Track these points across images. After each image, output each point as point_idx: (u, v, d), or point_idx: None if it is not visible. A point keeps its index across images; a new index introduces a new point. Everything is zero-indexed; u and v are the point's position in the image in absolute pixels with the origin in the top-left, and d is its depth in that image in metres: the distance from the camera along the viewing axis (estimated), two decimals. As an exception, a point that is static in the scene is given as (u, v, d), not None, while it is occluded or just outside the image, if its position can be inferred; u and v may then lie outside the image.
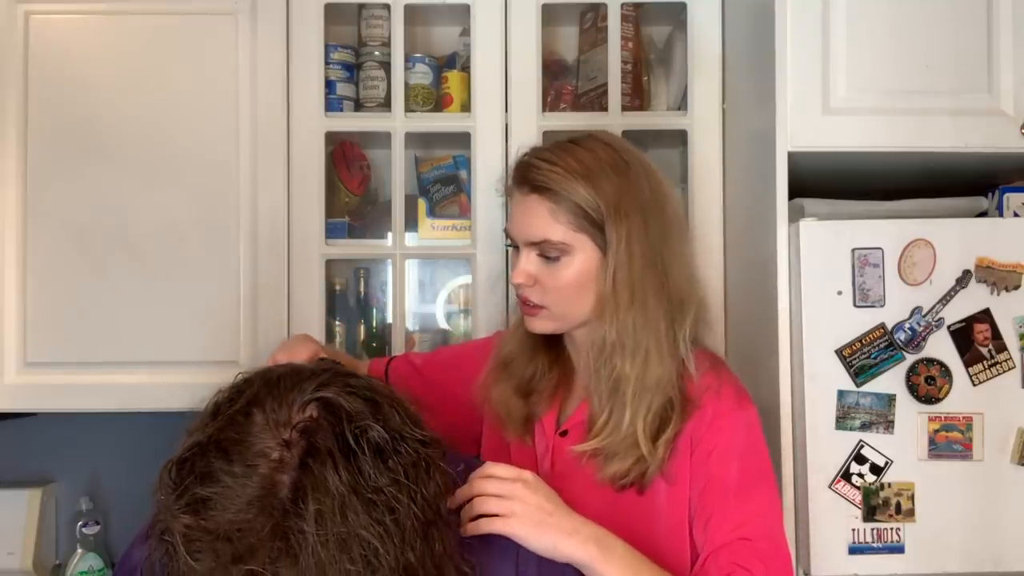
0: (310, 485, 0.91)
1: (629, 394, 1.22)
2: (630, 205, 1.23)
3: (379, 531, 0.92)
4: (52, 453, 2.05)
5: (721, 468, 1.23)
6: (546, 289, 1.26)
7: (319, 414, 0.95)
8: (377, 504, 0.93)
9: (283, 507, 0.91)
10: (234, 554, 0.90)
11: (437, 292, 2.00)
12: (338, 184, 1.91)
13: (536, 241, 1.24)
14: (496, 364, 1.39)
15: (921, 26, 1.51)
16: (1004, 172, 1.60)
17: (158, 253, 1.72)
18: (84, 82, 1.73)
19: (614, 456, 1.23)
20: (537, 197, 1.24)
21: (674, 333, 1.24)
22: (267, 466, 0.92)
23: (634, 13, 1.88)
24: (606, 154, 1.27)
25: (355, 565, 0.91)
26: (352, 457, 0.93)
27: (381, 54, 1.86)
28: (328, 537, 0.90)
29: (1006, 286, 1.45)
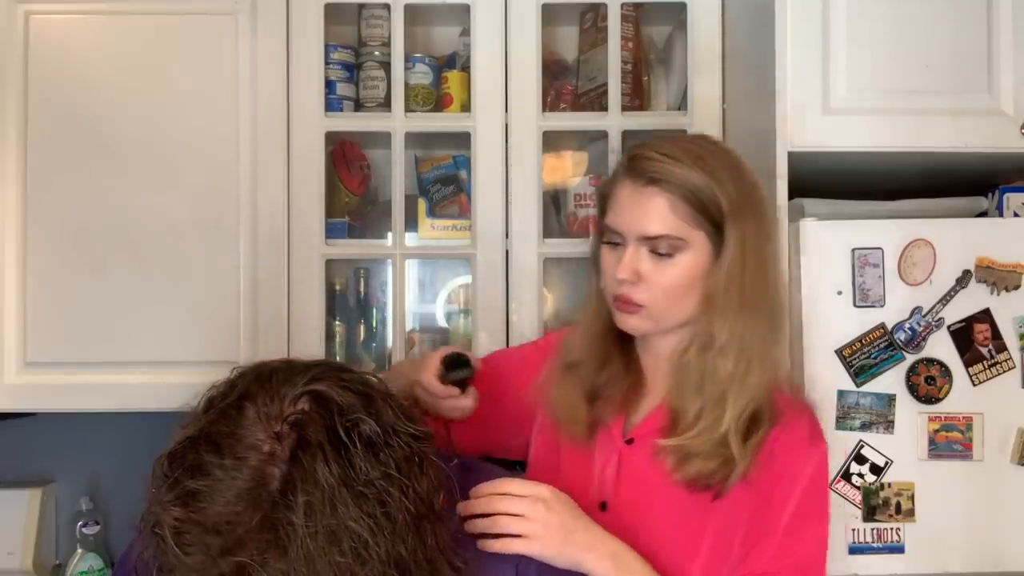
0: (299, 478, 0.92)
1: (730, 395, 1.19)
2: (747, 206, 1.21)
3: (369, 524, 0.92)
4: (52, 453, 2.05)
5: (782, 496, 1.21)
6: (651, 287, 1.21)
7: (310, 407, 0.96)
8: (368, 497, 0.93)
9: (272, 499, 0.91)
10: (223, 547, 0.91)
11: (437, 292, 2.00)
12: (338, 184, 1.91)
13: (651, 236, 1.20)
14: (561, 366, 1.34)
15: (921, 26, 1.51)
16: (1004, 172, 1.60)
17: (158, 253, 1.72)
18: (84, 82, 1.73)
19: (697, 456, 1.20)
20: (655, 190, 1.20)
21: (772, 341, 1.24)
22: (257, 459, 0.92)
23: (634, 13, 1.88)
24: (721, 151, 1.25)
25: (345, 557, 0.91)
26: (343, 450, 0.94)
27: (381, 54, 1.86)
28: (317, 529, 0.90)
29: (1006, 286, 1.45)
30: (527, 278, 1.78)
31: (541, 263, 1.79)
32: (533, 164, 1.79)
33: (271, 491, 0.91)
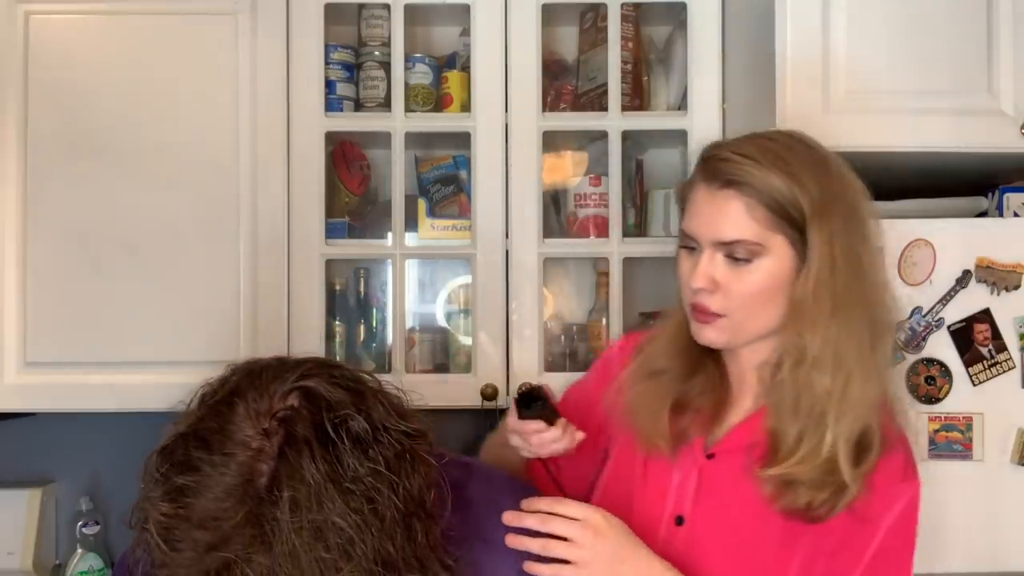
0: (286, 474, 0.92)
1: (831, 415, 1.11)
2: (833, 205, 1.12)
3: (356, 520, 0.92)
4: (52, 453, 2.04)
5: (870, 530, 1.14)
6: (729, 295, 1.14)
7: (299, 403, 0.96)
8: (355, 494, 0.93)
9: (258, 495, 0.91)
10: (210, 543, 0.91)
11: (437, 292, 2.00)
12: (338, 184, 1.91)
13: (727, 241, 1.13)
14: (643, 374, 1.26)
15: (921, 26, 1.52)
16: (1004, 172, 1.60)
17: (158, 253, 1.72)
18: (84, 82, 1.73)
19: (802, 484, 1.11)
20: (731, 192, 1.13)
21: (877, 351, 1.14)
22: (245, 455, 0.93)
23: (634, 13, 1.88)
24: (802, 149, 1.16)
25: (330, 553, 0.91)
26: (331, 446, 0.94)
27: (381, 54, 1.86)
28: (302, 525, 0.91)
29: (1006, 286, 1.45)
30: (527, 278, 1.78)
31: (541, 263, 1.79)
32: (533, 164, 1.79)
33: (258, 487, 0.92)
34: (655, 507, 1.22)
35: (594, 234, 1.86)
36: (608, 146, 1.82)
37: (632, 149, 1.93)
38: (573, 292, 2.02)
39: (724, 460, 1.20)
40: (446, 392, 1.76)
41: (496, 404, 1.74)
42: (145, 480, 0.96)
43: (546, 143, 1.82)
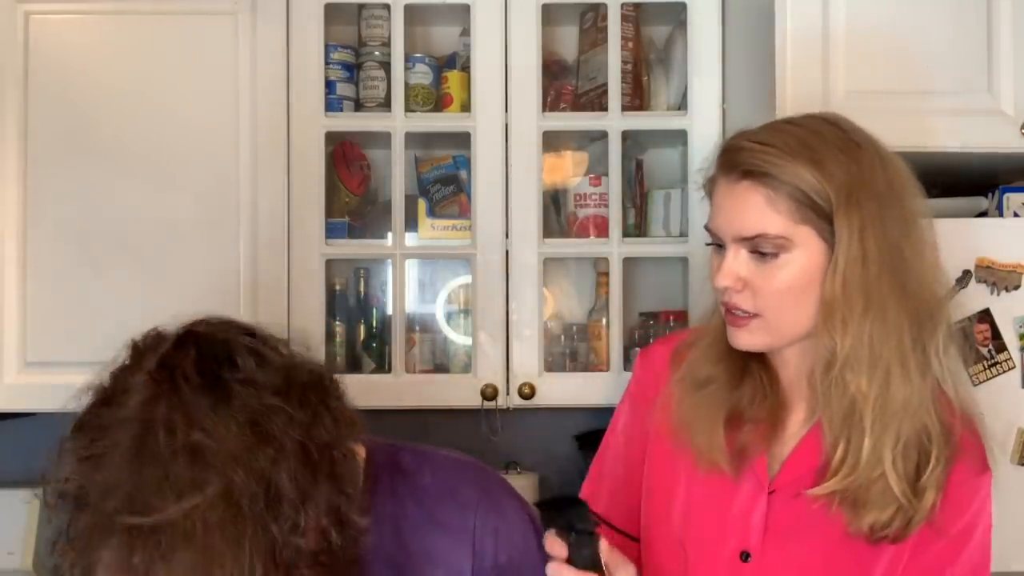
0: (174, 407, 0.92)
1: (868, 418, 1.02)
2: (864, 192, 1.03)
3: (245, 441, 0.91)
4: (52, 453, 2.04)
5: (944, 549, 1.08)
6: (759, 293, 1.06)
7: (182, 346, 1.01)
8: (241, 417, 0.92)
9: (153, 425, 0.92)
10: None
11: (437, 292, 2.00)
12: (338, 184, 1.91)
13: (749, 236, 1.05)
14: (690, 385, 1.15)
15: (921, 26, 1.51)
16: (1004, 172, 1.60)
17: (158, 253, 1.72)
18: (84, 82, 1.73)
19: (864, 501, 1.03)
20: (750, 183, 1.05)
21: (923, 346, 1.05)
22: (134, 402, 0.94)
23: (634, 13, 1.88)
24: (832, 133, 1.07)
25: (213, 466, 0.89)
26: (217, 377, 0.96)
27: (381, 54, 1.86)
28: (176, 449, 0.90)
29: (1006, 286, 1.45)
30: (527, 278, 1.78)
31: (541, 263, 1.79)
32: (533, 164, 1.79)
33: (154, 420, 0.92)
34: (713, 534, 1.13)
35: (594, 234, 1.86)
36: (608, 146, 1.82)
37: (632, 149, 1.93)
38: (573, 292, 2.02)
39: (790, 489, 1.10)
40: (446, 392, 1.77)
41: (496, 404, 1.74)
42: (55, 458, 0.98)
43: (546, 143, 1.82)
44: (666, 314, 1.92)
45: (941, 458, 1.04)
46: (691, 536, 1.15)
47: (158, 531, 0.87)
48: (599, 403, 1.81)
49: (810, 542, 1.09)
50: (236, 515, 0.88)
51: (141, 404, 0.95)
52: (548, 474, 1.95)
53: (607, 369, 1.82)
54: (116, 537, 0.89)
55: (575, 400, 1.81)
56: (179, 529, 0.87)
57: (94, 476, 0.92)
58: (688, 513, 1.16)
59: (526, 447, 1.94)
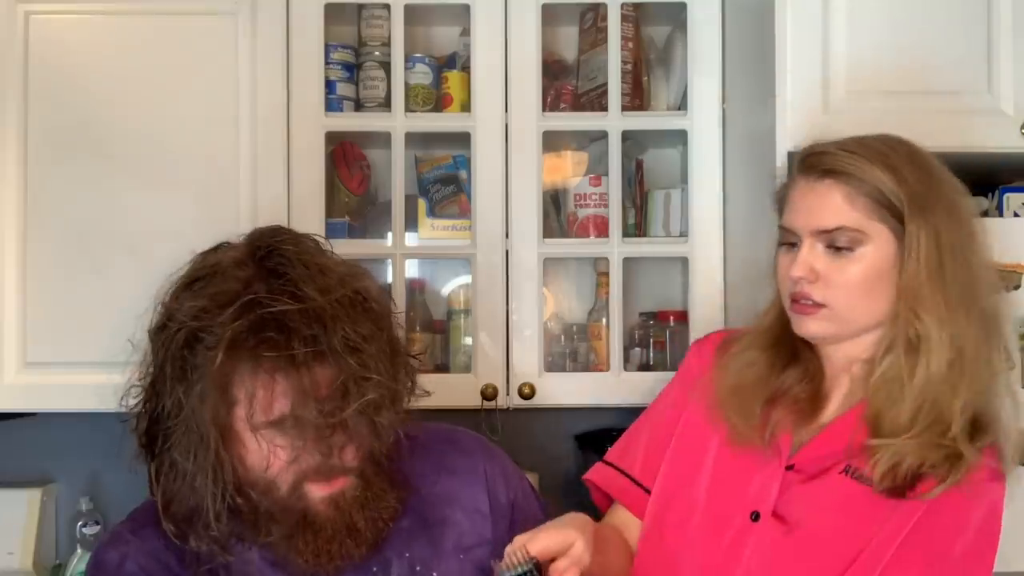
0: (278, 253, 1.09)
1: (945, 397, 1.09)
2: (935, 199, 1.13)
3: (344, 270, 1.13)
4: (52, 453, 2.04)
5: (944, 531, 1.11)
6: (831, 285, 1.14)
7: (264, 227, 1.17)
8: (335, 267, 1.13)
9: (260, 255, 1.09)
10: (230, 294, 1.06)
11: (437, 292, 2.00)
12: (338, 184, 1.91)
13: (828, 229, 1.13)
14: (735, 366, 1.24)
15: (921, 26, 1.51)
16: (1004, 172, 1.60)
17: (158, 253, 1.71)
18: (84, 82, 1.73)
19: (912, 452, 1.08)
20: (832, 181, 1.14)
21: (989, 348, 1.13)
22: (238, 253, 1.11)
23: (634, 13, 1.88)
24: (903, 148, 1.18)
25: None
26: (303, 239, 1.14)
27: (381, 54, 1.86)
28: (305, 261, 1.07)
29: (1006, 286, 1.44)
30: (527, 278, 1.78)
31: (541, 263, 1.79)
32: (533, 164, 1.79)
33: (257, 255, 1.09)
34: (731, 499, 1.20)
35: (594, 234, 1.86)
36: (608, 146, 1.82)
37: (632, 149, 1.93)
38: (573, 292, 2.02)
39: (810, 468, 1.17)
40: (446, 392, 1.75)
41: (496, 404, 1.75)
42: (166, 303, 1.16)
43: (546, 143, 1.82)
44: (666, 314, 1.92)
45: (987, 436, 1.10)
46: (712, 500, 1.22)
47: (311, 313, 1.01)
48: (599, 403, 1.81)
49: (820, 508, 1.15)
50: (370, 309, 1.08)
51: (253, 246, 1.12)
52: (548, 474, 1.95)
53: (607, 369, 1.82)
54: (270, 329, 1.00)
55: (575, 400, 1.81)
56: (329, 312, 1.02)
57: (226, 292, 1.05)
58: (712, 481, 1.23)
59: (526, 447, 1.94)
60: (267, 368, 1.00)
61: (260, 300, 1.01)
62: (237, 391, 1.02)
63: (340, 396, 1.01)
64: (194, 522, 1.06)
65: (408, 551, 1.12)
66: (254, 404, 1.01)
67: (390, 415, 1.06)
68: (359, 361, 1.02)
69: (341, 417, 1.01)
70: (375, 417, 1.04)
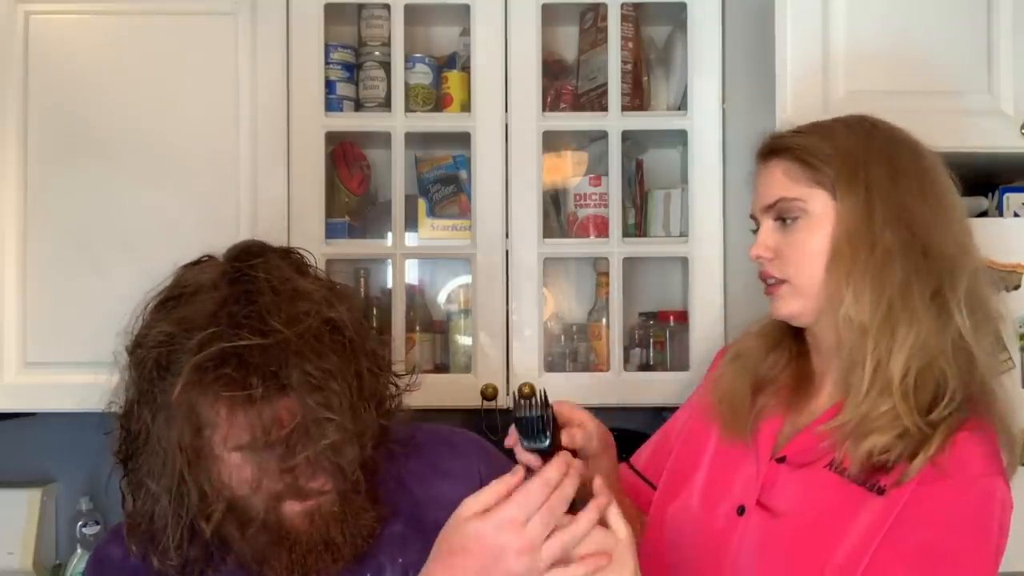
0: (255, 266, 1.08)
1: (868, 347, 1.07)
2: (871, 157, 1.13)
3: (323, 292, 1.09)
4: (52, 453, 2.04)
5: (914, 520, 1.05)
6: (785, 259, 1.16)
7: (243, 243, 1.15)
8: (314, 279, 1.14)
9: (234, 272, 1.07)
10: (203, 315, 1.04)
11: (437, 292, 2.00)
12: (338, 184, 1.91)
13: (771, 203, 1.17)
14: (729, 356, 1.28)
15: (921, 26, 1.51)
16: (1004, 172, 1.60)
17: (158, 253, 1.70)
18: (84, 82, 1.73)
19: (870, 430, 1.06)
20: (774, 160, 1.19)
21: (944, 299, 1.08)
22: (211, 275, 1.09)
23: (634, 13, 1.88)
24: (851, 118, 1.20)
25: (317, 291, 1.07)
26: (281, 257, 1.13)
27: (381, 54, 1.86)
28: (279, 287, 1.05)
29: (1006, 286, 1.44)
30: (527, 278, 1.78)
31: (541, 263, 1.79)
32: (533, 164, 1.79)
33: (232, 272, 1.08)
34: (721, 492, 1.21)
35: (594, 234, 1.86)
36: (608, 146, 1.82)
37: (632, 149, 1.93)
38: (573, 292, 2.02)
39: (799, 458, 1.15)
40: (446, 392, 1.76)
41: (496, 404, 1.74)
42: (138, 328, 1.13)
43: (546, 143, 1.82)
44: (666, 314, 1.92)
45: (956, 412, 1.05)
46: (706, 494, 1.23)
47: (273, 349, 0.98)
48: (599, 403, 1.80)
49: (805, 499, 1.13)
50: (339, 341, 1.04)
51: (228, 266, 1.09)
52: (548, 474, 1.95)
53: (607, 369, 1.82)
54: (229, 365, 0.97)
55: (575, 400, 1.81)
56: (292, 347, 0.99)
57: (194, 318, 1.03)
58: (707, 476, 1.25)
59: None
60: (225, 402, 0.98)
61: (222, 332, 0.99)
62: (201, 417, 1.01)
63: (302, 433, 0.99)
64: (156, 544, 1.05)
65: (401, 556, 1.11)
66: (216, 433, 1.00)
67: (353, 452, 1.03)
68: (321, 400, 0.99)
69: (301, 458, 0.99)
70: (335, 459, 1.02)
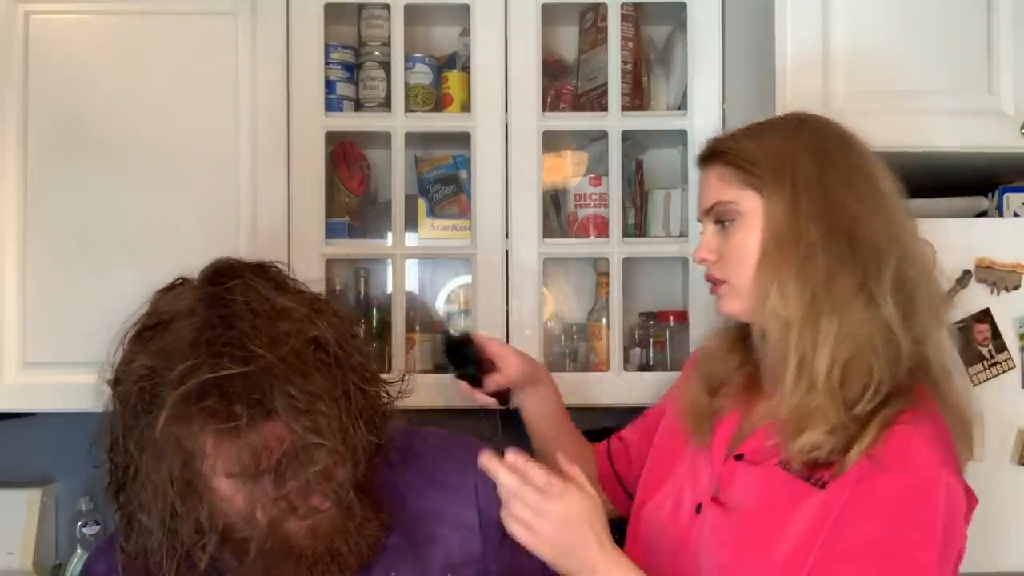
0: (233, 286, 1.04)
1: (792, 340, 1.10)
2: (798, 153, 1.16)
3: (303, 311, 1.04)
4: (52, 453, 2.04)
5: (849, 509, 1.06)
6: (723, 260, 1.20)
7: (217, 264, 1.12)
8: (296, 295, 1.07)
9: (213, 296, 1.04)
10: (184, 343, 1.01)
11: (437, 292, 2.00)
12: (338, 184, 1.91)
13: (708, 207, 1.22)
14: (692, 361, 1.34)
15: (921, 26, 1.52)
16: (1004, 172, 1.60)
17: (158, 253, 1.72)
18: (84, 82, 1.73)
19: (804, 426, 1.07)
20: (711, 164, 1.23)
21: (869, 290, 1.09)
22: (187, 302, 1.06)
23: (634, 13, 1.88)
24: (783, 117, 1.26)
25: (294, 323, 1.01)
26: (263, 275, 1.08)
27: (381, 54, 1.86)
28: (258, 308, 1.01)
29: (1006, 286, 1.45)
30: (527, 278, 1.78)
31: (541, 263, 1.79)
32: (533, 164, 1.79)
33: (212, 295, 1.04)
34: (683, 491, 1.24)
35: (594, 234, 1.86)
36: (608, 146, 1.82)
37: (632, 149, 1.93)
38: (573, 292, 2.02)
39: (755, 455, 1.17)
40: (446, 392, 1.76)
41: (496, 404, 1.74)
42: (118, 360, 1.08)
43: (546, 143, 1.82)
44: (666, 314, 1.92)
45: (882, 394, 1.07)
46: (672, 496, 1.27)
47: (256, 375, 0.95)
48: (599, 403, 1.81)
49: (755, 496, 1.15)
50: (324, 359, 1.00)
51: (199, 295, 1.06)
52: (548, 474, 1.95)
53: (607, 369, 1.82)
54: (211, 397, 0.94)
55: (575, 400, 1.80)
56: (276, 371, 0.95)
57: (173, 349, 1.00)
58: (676, 478, 1.28)
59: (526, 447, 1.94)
60: (211, 433, 0.96)
61: (202, 363, 0.96)
62: (188, 449, 0.98)
63: (291, 460, 0.97)
64: None
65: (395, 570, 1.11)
66: (205, 463, 0.98)
67: (345, 472, 1.01)
68: (309, 424, 0.97)
69: (291, 485, 0.97)
70: (327, 483, 1.00)
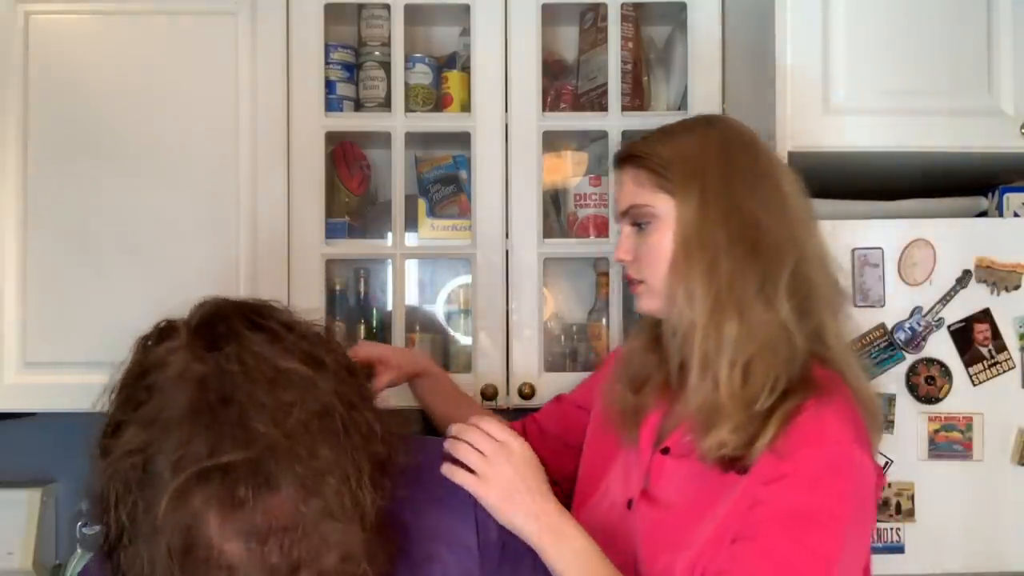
0: (227, 345, 0.96)
1: (697, 341, 1.14)
2: (707, 158, 1.19)
3: (304, 370, 0.96)
4: (52, 453, 2.05)
5: (764, 488, 1.09)
6: (640, 261, 1.24)
7: (210, 310, 1.05)
8: (293, 352, 0.98)
9: (207, 363, 0.95)
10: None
11: (437, 292, 2.00)
12: (338, 184, 1.91)
13: (624, 209, 1.25)
14: (617, 359, 1.36)
15: (921, 26, 1.52)
16: (1004, 172, 1.60)
17: (158, 253, 1.72)
18: (84, 82, 1.73)
19: (713, 423, 1.11)
20: (625, 168, 1.26)
21: (767, 293, 1.13)
22: (178, 357, 0.98)
23: (634, 13, 1.88)
24: (693, 121, 1.29)
25: (289, 394, 0.93)
26: (257, 325, 1.00)
27: (381, 54, 1.86)
28: (256, 377, 0.93)
29: (1006, 286, 1.45)
30: (527, 278, 1.78)
31: (541, 263, 1.79)
32: (533, 164, 1.79)
33: (205, 360, 0.96)
34: (616, 489, 1.26)
35: (594, 234, 1.86)
36: (608, 146, 1.82)
37: (632, 149, 1.93)
38: (573, 292, 2.02)
39: (679, 449, 1.20)
40: (446, 392, 1.76)
41: (496, 404, 1.74)
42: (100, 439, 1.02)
43: (546, 143, 1.82)
44: (666, 314, 1.92)
45: (779, 391, 1.10)
46: (606, 494, 1.28)
47: (260, 458, 0.89)
48: (599, 403, 1.81)
49: (681, 488, 1.18)
50: (333, 425, 0.93)
51: (190, 357, 0.97)
52: (548, 474, 1.95)
53: (607, 369, 1.82)
54: (213, 483, 0.89)
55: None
56: (281, 449, 0.89)
57: (167, 421, 0.93)
58: (609, 477, 1.29)
59: (526, 447, 1.94)
60: (215, 514, 0.90)
61: (201, 448, 0.90)
62: (189, 529, 0.92)
63: (299, 539, 0.90)
64: None
65: None
66: (207, 533, 0.91)
67: (355, 533, 0.94)
68: (319, 505, 0.90)
69: (300, 555, 0.91)
70: (339, 553, 0.93)
